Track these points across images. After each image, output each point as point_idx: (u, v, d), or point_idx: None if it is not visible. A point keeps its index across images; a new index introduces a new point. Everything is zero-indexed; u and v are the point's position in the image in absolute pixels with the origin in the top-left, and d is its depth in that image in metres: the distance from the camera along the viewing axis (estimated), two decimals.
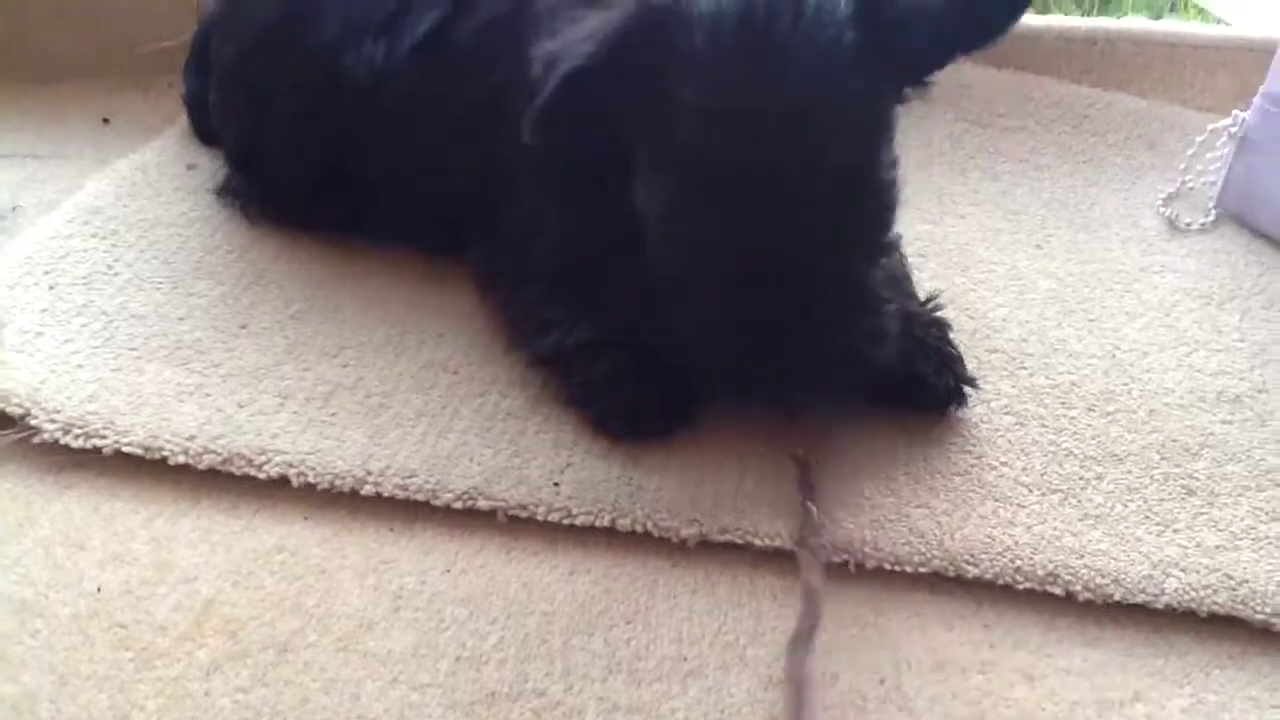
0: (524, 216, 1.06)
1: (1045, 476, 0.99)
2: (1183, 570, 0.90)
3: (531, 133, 0.85)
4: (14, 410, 0.96)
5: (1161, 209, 1.39)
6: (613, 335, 1.00)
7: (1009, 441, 1.03)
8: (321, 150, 1.17)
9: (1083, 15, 2.63)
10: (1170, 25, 1.65)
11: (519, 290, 1.07)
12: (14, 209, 1.27)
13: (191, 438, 0.95)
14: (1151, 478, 1.00)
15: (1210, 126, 1.38)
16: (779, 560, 0.90)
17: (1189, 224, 1.37)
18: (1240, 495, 0.98)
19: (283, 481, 0.93)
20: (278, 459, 0.94)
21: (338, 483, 0.93)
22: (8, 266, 1.12)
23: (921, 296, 1.11)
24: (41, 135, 1.44)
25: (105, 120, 1.47)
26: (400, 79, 1.10)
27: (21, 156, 1.39)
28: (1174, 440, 1.04)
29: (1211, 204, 1.38)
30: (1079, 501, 0.97)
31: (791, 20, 0.84)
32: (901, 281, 1.09)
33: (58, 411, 0.96)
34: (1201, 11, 2.16)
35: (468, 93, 1.07)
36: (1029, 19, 1.58)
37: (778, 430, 0.99)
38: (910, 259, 1.21)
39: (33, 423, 0.95)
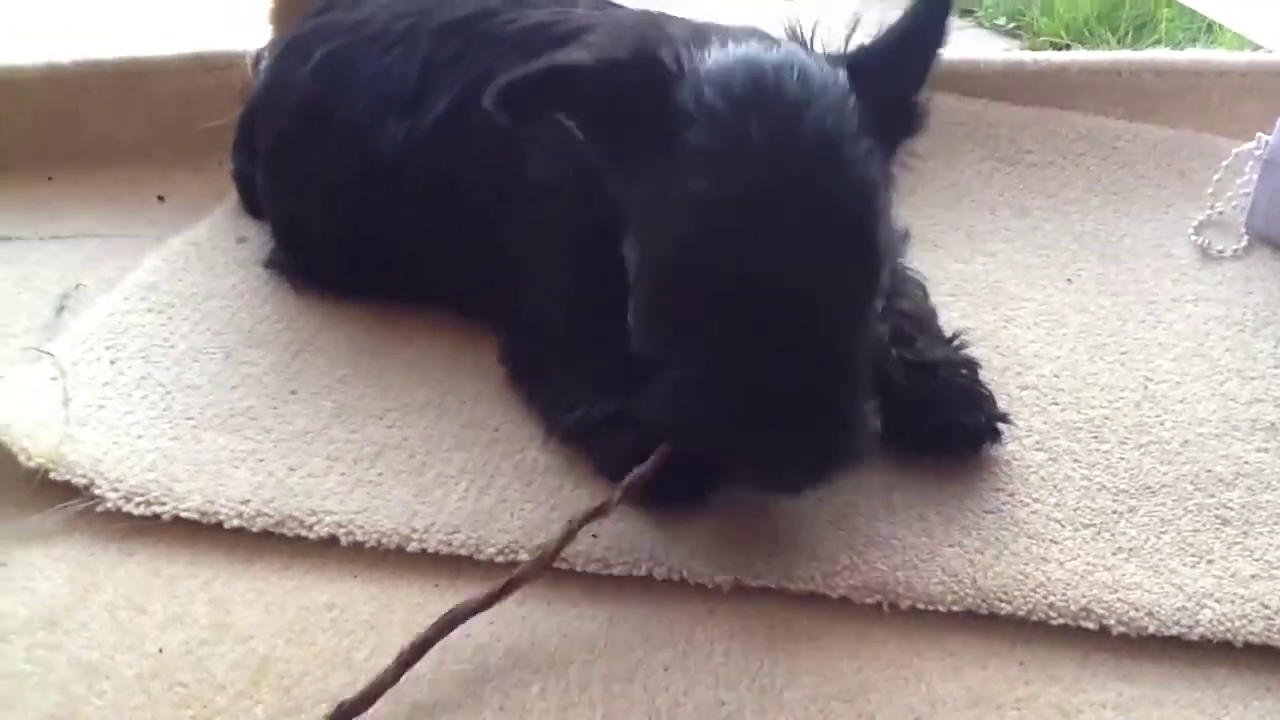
0: (538, 291, 1.09)
1: (1078, 511, 1.00)
2: (1218, 601, 0.91)
3: (490, 98, 0.87)
4: (79, 481, 1.00)
5: (1193, 237, 1.39)
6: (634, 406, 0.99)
7: (1041, 478, 1.04)
8: (355, 225, 1.21)
9: (1118, 43, 2.64)
10: (1194, 54, 1.66)
11: (540, 367, 1.09)
12: (77, 287, 1.33)
13: (245, 501, 0.99)
14: (1185, 509, 1.00)
15: (1235, 150, 1.39)
16: (813, 604, 0.92)
17: (1221, 251, 1.37)
18: (1276, 524, 0.99)
19: (332, 541, 0.97)
20: (327, 519, 0.98)
21: (384, 541, 0.96)
22: (71, 344, 1.18)
23: (950, 334, 1.13)
24: (101, 216, 1.51)
25: (160, 198, 1.54)
26: (420, 158, 1.14)
27: (83, 237, 1.45)
28: (1208, 470, 1.04)
29: (1243, 229, 1.39)
30: (1112, 535, 0.97)
31: (801, 82, 0.87)
32: (926, 322, 1.11)
33: (120, 481, 1.00)
34: (1239, 37, 2.17)
35: (480, 172, 1.11)
36: (1051, 55, 1.60)
37: None
38: (941, 298, 1.24)
39: (96, 492, 1.00)
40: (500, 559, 0.95)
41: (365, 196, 1.19)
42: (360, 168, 1.18)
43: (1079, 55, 1.60)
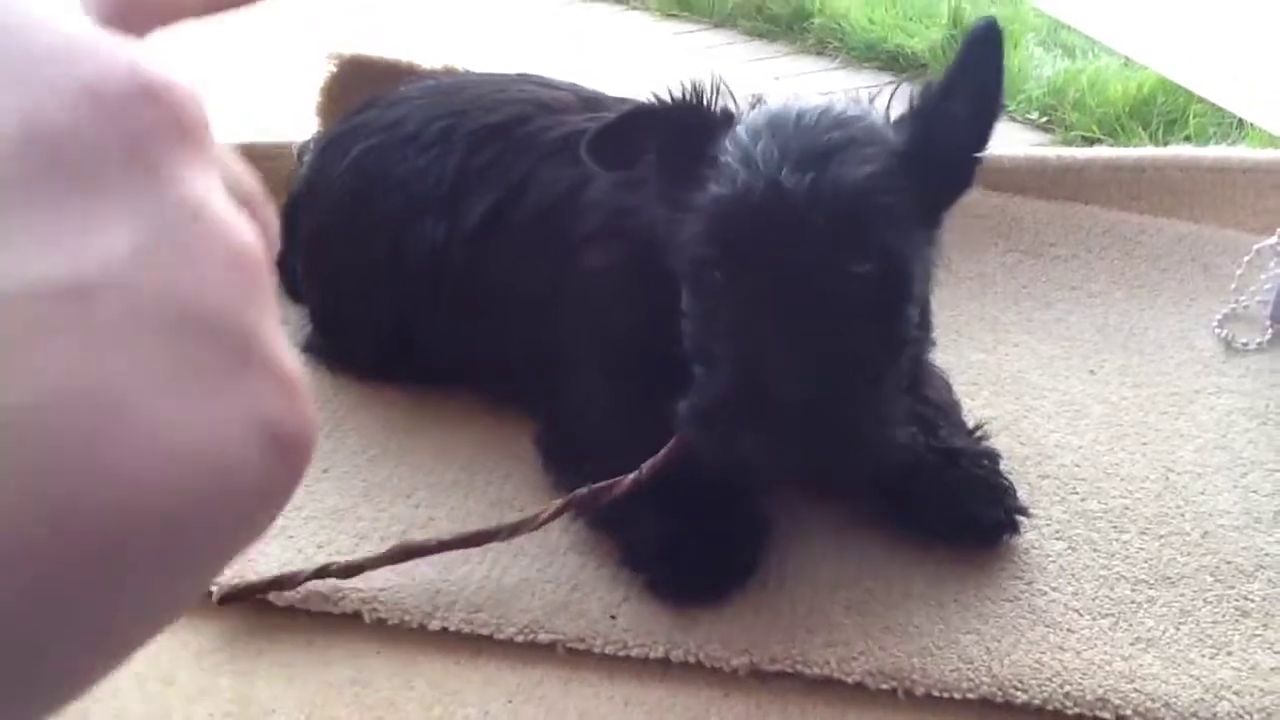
0: (583, 379, 1.11)
1: (1096, 601, 1.00)
2: (1236, 693, 0.90)
3: (585, 149, 0.95)
4: None
5: (1217, 330, 1.40)
6: (663, 499, 1.00)
7: (1060, 567, 1.04)
8: (391, 318, 1.26)
9: (1149, 138, 2.67)
10: (1218, 150, 1.68)
11: (574, 452, 1.11)
12: None
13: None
14: (1205, 600, 1.00)
15: (1256, 246, 1.41)
16: (829, 689, 0.93)
17: (1245, 344, 1.38)
18: None
19: (356, 617, 0.99)
20: (353, 596, 1.00)
21: (407, 618, 0.98)
22: None
23: (972, 424, 1.15)
24: None
25: None
26: (459, 261, 1.18)
27: None
28: (1228, 562, 1.04)
29: (1267, 323, 1.40)
30: (1130, 625, 0.97)
31: (824, 117, 0.92)
32: (949, 412, 1.13)
33: None
34: (1268, 134, 2.19)
35: (522, 281, 1.15)
36: (1075, 151, 1.63)
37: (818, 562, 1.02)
38: (963, 387, 1.25)
39: None
40: (520, 638, 0.97)
41: (401, 294, 1.23)
42: (396, 265, 1.22)
43: (1103, 151, 1.63)
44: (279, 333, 0.27)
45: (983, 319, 1.44)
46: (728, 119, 0.97)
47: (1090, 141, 2.66)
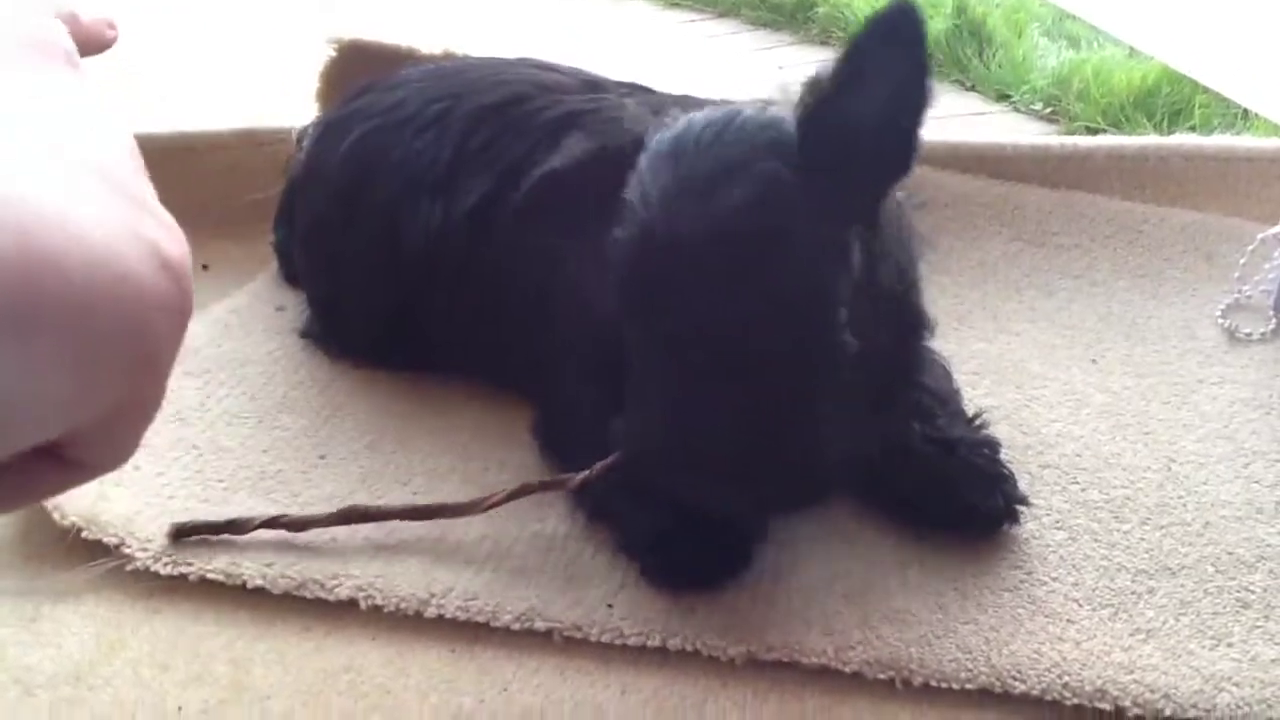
0: (572, 382, 1.10)
1: (1096, 591, 1.00)
2: (1236, 685, 0.90)
3: (512, 224, 0.99)
4: (110, 540, 1.03)
5: (1220, 320, 1.40)
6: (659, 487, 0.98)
7: (1060, 557, 1.03)
8: (387, 304, 1.25)
9: (1154, 129, 2.66)
10: (1222, 140, 1.67)
11: (571, 441, 1.10)
12: None
13: (270, 564, 1.01)
14: (1206, 591, 1.00)
15: (1260, 235, 1.40)
16: (826, 678, 0.92)
17: (1249, 334, 1.37)
18: None
19: (352, 604, 0.98)
20: (348, 582, 0.99)
21: (403, 605, 0.98)
22: None
23: (972, 412, 1.14)
24: None
25: (205, 267, 1.58)
26: (454, 244, 1.18)
27: None
28: (1230, 553, 1.04)
29: (1270, 313, 1.39)
30: (1130, 616, 0.97)
31: (738, 141, 0.89)
32: (948, 400, 1.12)
33: (150, 540, 1.03)
34: (1272, 124, 2.18)
35: (518, 266, 1.14)
36: (1078, 140, 1.62)
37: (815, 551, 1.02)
38: (964, 377, 1.24)
39: (126, 551, 1.02)
40: (516, 625, 0.96)
41: (398, 278, 1.22)
42: (393, 250, 1.21)
43: (1106, 140, 1.62)
44: (159, 204, 0.41)
45: (985, 308, 1.43)
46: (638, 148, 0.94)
47: (1094, 132, 2.65)
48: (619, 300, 0.92)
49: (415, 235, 1.19)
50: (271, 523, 1.03)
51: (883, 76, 0.84)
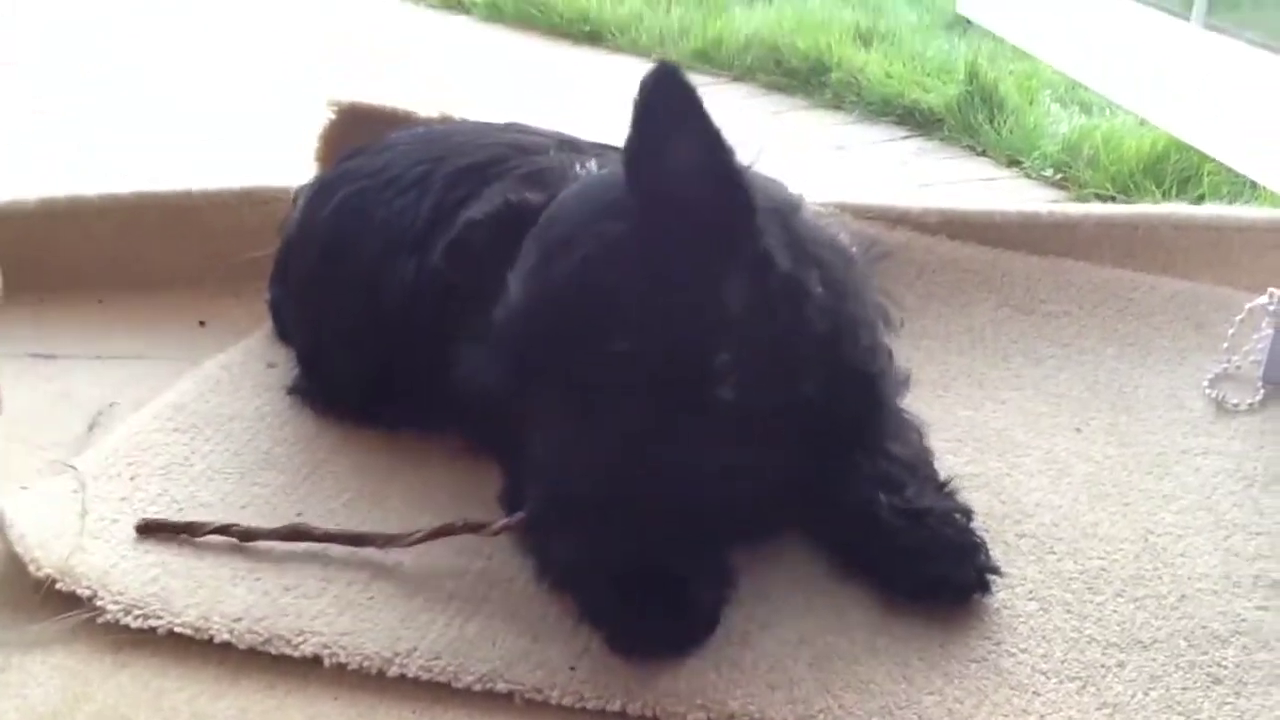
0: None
1: (1065, 664, 0.99)
2: None
3: (441, 260, 1.06)
4: (84, 592, 1.04)
5: (1207, 390, 1.39)
6: (623, 549, 0.97)
7: (1030, 628, 1.03)
8: (370, 361, 1.27)
9: (1163, 197, 2.65)
10: (1214, 209, 1.68)
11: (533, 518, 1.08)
12: (110, 405, 1.40)
13: (238, 619, 1.02)
14: (1177, 665, 0.98)
15: (1248, 305, 1.39)
16: None
17: (1236, 405, 1.36)
18: (1270, 685, 0.96)
19: (316, 661, 0.99)
20: (313, 639, 1.00)
21: (367, 664, 0.98)
22: (96, 459, 1.23)
23: (944, 476, 1.13)
24: (145, 338, 1.58)
25: (202, 323, 1.61)
26: (424, 305, 1.20)
27: (125, 358, 1.53)
28: (1204, 627, 1.03)
29: (1259, 383, 1.38)
30: (1098, 690, 0.96)
31: (581, 215, 0.96)
32: (917, 467, 1.12)
33: (121, 594, 1.04)
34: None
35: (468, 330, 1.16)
36: (1068, 207, 1.63)
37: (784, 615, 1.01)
38: (946, 444, 1.25)
39: (99, 604, 1.03)
40: (478, 687, 0.96)
41: (379, 336, 1.24)
42: (374, 308, 1.23)
43: (1095, 208, 1.62)
44: None
45: (970, 375, 1.43)
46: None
47: (1103, 199, 2.65)
48: (501, 368, 0.96)
49: (394, 292, 1.21)
50: (224, 529, 1.10)
51: (680, 130, 0.92)
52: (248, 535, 1.10)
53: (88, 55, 3.91)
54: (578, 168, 1.10)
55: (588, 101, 3.19)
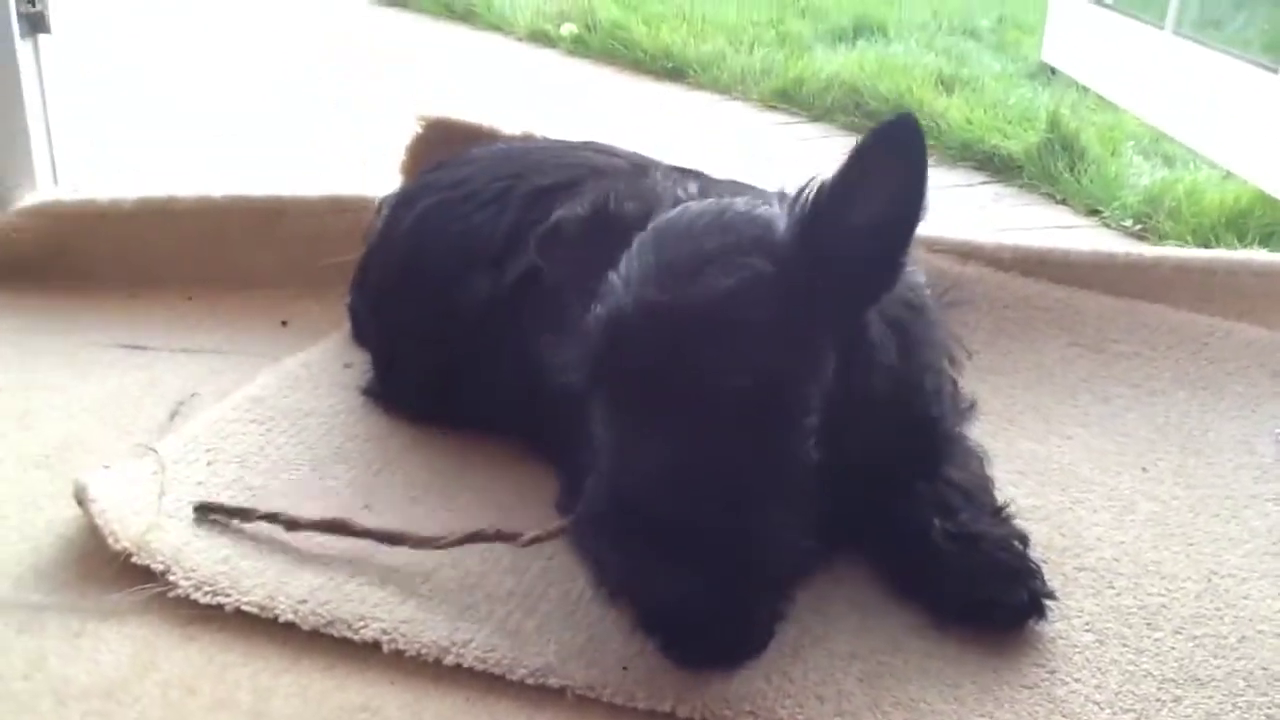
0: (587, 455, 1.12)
1: (1119, 695, 0.98)
2: None
3: (535, 250, 1.05)
4: (157, 567, 1.08)
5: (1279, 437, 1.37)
6: (684, 556, 0.95)
7: (1086, 659, 1.02)
8: (440, 368, 1.31)
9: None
10: None
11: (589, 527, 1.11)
12: (192, 396, 1.45)
13: (303, 601, 1.05)
14: (1235, 705, 0.97)
15: None
16: None
17: None
18: None
19: (376, 647, 1.01)
20: (374, 625, 1.02)
21: (424, 651, 1.00)
22: (176, 444, 1.28)
23: (1001, 501, 1.13)
24: (229, 334, 1.64)
25: (284, 323, 1.66)
26: (501, 314, 1.22)
27: (209, 352, 1.58)
28: (1264, 669, 1.01)
29: None
30: None
31: (724, 244, 0.93)
32: (974, 494, 1.12)
33: (193, 571, 1.08)
34: None
35: (540, 348, 1.15)
36: (1144, 249, 1.62)
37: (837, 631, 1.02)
38: (1009, 475, 1.25)
39: (171, 579, 1.07)
40: (531, 680, 0.98)
41: (450, 345, 1.28)
42: (447, 318, 1.27)
43: (1172, 251, 1.61)
44: None
45: (1037, 409, 1.43)
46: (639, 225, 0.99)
47: None
48: (586, 370, 0.95)
49: (467, 306, 1.24)
50: (271, 517, 1.14)
51: (882, 185, 0.91)
52: (292, 524, 1.13)
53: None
54: (679, 191, 1.10)
55: (667, 133, 3.24)
